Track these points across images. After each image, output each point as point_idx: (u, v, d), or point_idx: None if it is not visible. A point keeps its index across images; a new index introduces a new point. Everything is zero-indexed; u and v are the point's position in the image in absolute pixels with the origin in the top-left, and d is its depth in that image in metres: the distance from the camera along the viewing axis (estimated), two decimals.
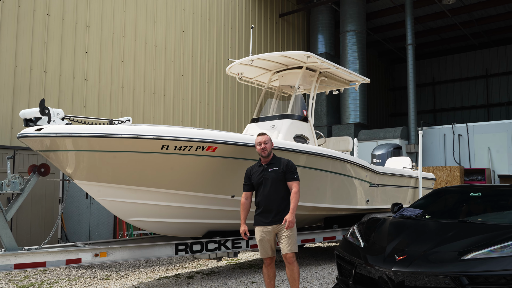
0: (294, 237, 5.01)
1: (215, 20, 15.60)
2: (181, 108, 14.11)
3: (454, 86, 27.78)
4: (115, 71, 12.30)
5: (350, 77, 8.87)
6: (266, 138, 5.12)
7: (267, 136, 5.15)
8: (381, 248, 4.86)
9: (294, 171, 5.07)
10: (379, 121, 27.19)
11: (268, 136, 5.16)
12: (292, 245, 4.98)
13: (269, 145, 5.11)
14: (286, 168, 5.04)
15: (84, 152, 5.32)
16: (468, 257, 4.30)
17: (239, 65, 8.43)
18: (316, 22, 20.02)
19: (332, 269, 7.80)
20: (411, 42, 18.44)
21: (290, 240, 4.97)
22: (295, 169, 5.08)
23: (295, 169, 5.08)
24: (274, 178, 5.01)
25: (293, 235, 5.01)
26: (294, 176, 5.04)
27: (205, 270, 7.80)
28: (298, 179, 5.08)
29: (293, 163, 5.12)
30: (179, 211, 6.13)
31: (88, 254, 5.46)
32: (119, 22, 12.48)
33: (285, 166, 5.05)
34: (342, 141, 9.54)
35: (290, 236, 4.98)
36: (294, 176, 5.04)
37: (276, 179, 5.01)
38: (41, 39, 10.68)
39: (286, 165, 5.07)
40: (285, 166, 5.05)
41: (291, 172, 5.04)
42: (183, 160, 5.64)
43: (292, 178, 5.03)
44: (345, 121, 18.99)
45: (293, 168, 5.07)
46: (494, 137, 16.59)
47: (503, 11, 21.50)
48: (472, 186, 6.66)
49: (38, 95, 10.44)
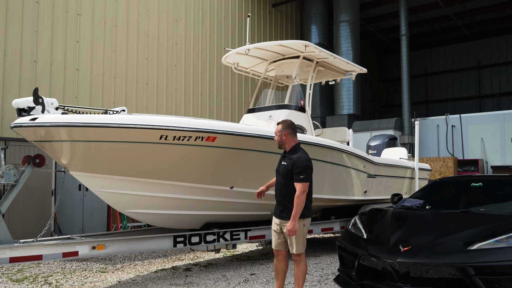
0: (299, 237, 4.72)
1: (208, 9, 15.39)
2: (174, 99, 13.93)
3: (446, 77, 27.84)
4: (107, 61, 12.08)
5: (348, 67, 8.78)
6: (277, 129, 4.91)
7: (278, 126, 4.91)
8: (385, 239, 4.80)
9: (300, 171, 4.58)
10: (372, 113, 27.20)
11: (279, 127, 4.89)
12: (296, 245, 4.72)
13: (278, 137, 4.87)
14: (292, 166, 4.65)
15: (80, 142, 5.17)
16: (474, 247, 4.25)
17: (235, 55, 8.30)
18: (310, 12, 19.86)
19: (330, 260, 7.75)
20: (405, 33, 18.38)
21: (294, 239, 4.72)
22: (302, 169, 4.59)
23: (302, 169, 4.59)
24: (283, 173, 4.76)
25: (298, 235, 4.72)
26: (299, 177, 4.59)
27: (203, 262, 7.71)
28: (305, 180, 4.58)
29: (303, 161, 4.63)
30: (177, 202, 6.02)
31: (85, 246, 5.33)
32: (110, 10, 12.24)
33: (292, 164, 4.66)
34: (338, 131, 9.49)
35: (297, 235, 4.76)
36: (299, 177, 4.58)
37: (284, 175, 4.74)
38: (31, 28, 10.42)
39: (293, 163, 4.65)
40: (292, 164, 4.65)
41: (296, 172, 4.61)
42: (182, 151, 5.51)
43: (296, 179, 4.61)
44: (339, 112, 18.93)
45: (299, 168, 4.59)
46: (487, 128, 16.66)
47: (496, 2, 21.50)
48: (473, 177, 6.63)
49: (28, 85, 10.21)
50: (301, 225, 4.73)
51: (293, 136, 4.88)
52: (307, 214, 4.77)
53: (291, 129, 4.88)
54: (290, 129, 4.88)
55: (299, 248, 4.75)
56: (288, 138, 4.86)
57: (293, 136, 4.89)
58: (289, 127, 4.88)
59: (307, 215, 4.78)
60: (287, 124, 4.90)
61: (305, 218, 4.76)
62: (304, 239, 4.80)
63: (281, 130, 4.87)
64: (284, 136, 4.85)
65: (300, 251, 4.76)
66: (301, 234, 4.74)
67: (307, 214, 4.77)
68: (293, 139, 4.89)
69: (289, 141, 4.86)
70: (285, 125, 4.90)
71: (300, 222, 4.71)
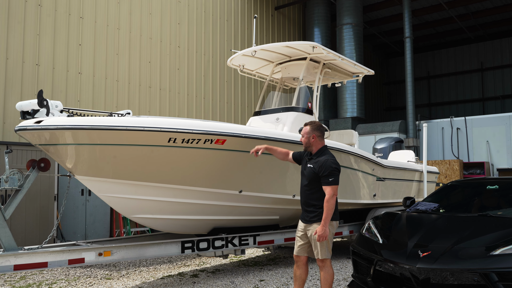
0: (325, 242, 4.55)
1: (211, 12, 15.27)
2: (177, 102, 13.79)
3: (449, 80, 27.71)
4: (109, 64, 11.94)
5: (355, 68, 8.64)
6: (304, 130, 4.79)
7: (306, 128, 4.79)
8: (402, 244, 4.64)
9: (329, 173, 4.46)
10: (374, 115, 27.06)
11: (307, 128, 4.77)
12: (321, 249, 4.56)
13: (306, 138, 4.75)
14: (319, 169, 4.51)
15: (86, 146, 5.02)
16: (496, 252, 4.10)
17: (241, 57, 8.17)
18: (312, 15, 19.75)
19: (340, 265, 7.58)
20: (409, 35, 18.25)
21: (319, 244, 4.55)
22: (331, 171, 4.46)
23: (331, 171, 4.46)
24: (309, 176, 4.63)
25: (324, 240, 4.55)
26: (328, 179, 4.45)
27: (209, 268, 7.54)
28: (334, 183, 4.45)
29: (330, 163, 4.50)
30: (185, 207, 5.85)
31: (91, 253, 5.16)
32: (113, 13, 12.11)
33: (319, 166, 4.53)
34: (345, 134, 9.34)
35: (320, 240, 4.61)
36: (328, 180, 4.45)
37: (310, 178, 4.61)
38: (33, 31, 10.29)
39: (321, 165, 4.51)
40: (319, 167, 4.52)
41: (324, 175, 4.47)
42: (190, 154, 5.36)
43: (325, 182, 4.47)
44: (342, 115, 18.78)
45: (328, 170, 4.46)
46: (493, 130, 16.48)
47: (500, 4, 21.40)
48: (487, 179, 6.46)
49: (30, 89, 10.07)
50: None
51: (321, 139, 4.79)
52: (334, 217, 4.60)
53: (319, 132, 4.79)
54: (319, 131, 4.79)
55: (323, 253, 4.59)
56: (316, 141, 4.75)
57: (321, 139, 4.79)
58: (318, 129, 4.78)
59: (334, 218, 4.62)
60: (316, 126, 4.79)
61: (331, 222, 4.59)
62: (329, 244, 4.63)
63: (309, 132, 4.75)
64: (313, 138, 4.74)
65: (324, 256, 4.60)
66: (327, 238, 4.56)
67: (334, 217, 4.60)
68: (320, 141, 4.79)
69: (317, 143, 4.75)
70: (313, 127, 4.78)
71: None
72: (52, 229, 9.20)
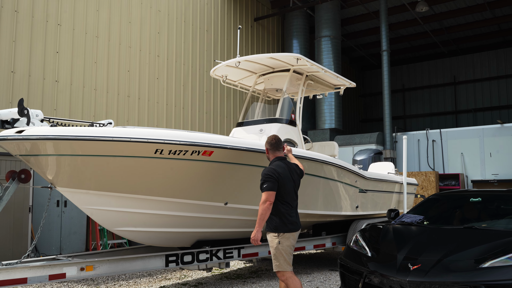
0: (278, 254, 4.58)
1: (191, 22, 15.21)
2: (156, 112, 13.61)
3: (423, 93, 28.29)
4: (87, 72, 11.71)
5: (337, 81, 8.70)
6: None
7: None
8: (391, 257, 4.64)
9: (263, 181, 4.61)
10: (351, 127, 27.35)
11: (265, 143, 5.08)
12: (273, 261, 4.65)
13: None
14: None
15: (69, 157, 4.85)
16: (486, 265, 4.14)
17: (224, 67, 8.12)
18: (291, 27, 19.90)
19: (323, 277, 7.55)
20: (386, 48, 18.55)
21: (273, 257, 4.64)
22: (263, 178, 4.61)
23: (263, 178, 4.61)
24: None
25: (274, 252, 4.59)
26: (262, 186, 4.60)
27: (191, 281, 7.38)
28: (266, 189, 4.55)
29: (266, 170, 4.68)
30: (170, 220, 5.72)
31: (73, 268, 4.97)
32: (92, 21, 11.91)
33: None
34: (327, 146, 9.38)
35: (273, 252, 4.64)
36: (262, 186, 4.59)
37: None
38: (8, 37, 10.01)
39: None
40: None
41: (260, 183, 4.64)
42: (177, 165, 5.25)
43: (260, 189, 4.62)
44: (321, 126, 18.90)
45: (262, 178, 4.63)
46: (467, 143, 16.86)
47: (471, 20, 22.03)
48: (470, 191, 6.55)
49: (5, 96, 9.77)
50: (275, 241, 4.60)
51: (272, 152, 5.01)
52: (279, 228, 4.61)
53: (269, 145, 4.98)
54: (269, 144, 4.98)
55: (275, 266, 4.64)
56: (269, 154, 5.00)
57: (272, 151, 5.01)
58: (268, 143, 5.03)
59: (280, 229, 4.61)
60: (268, 140, 5.06)
61: (279, 234, 4.60)
62: (283, 257, 4.60)
63: (265, 146, 5.05)
64: (266, 152, 5.03)
65: (277, 268, 4.63)
66: (278, 251, 4.59)
67: (279, 228, 4.61)
68: (273, 154, 4.97)
69: (270, 155, 4.99)
70: (267, 140, 5.07)
71: (274, 237, 4.61)
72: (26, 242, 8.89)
